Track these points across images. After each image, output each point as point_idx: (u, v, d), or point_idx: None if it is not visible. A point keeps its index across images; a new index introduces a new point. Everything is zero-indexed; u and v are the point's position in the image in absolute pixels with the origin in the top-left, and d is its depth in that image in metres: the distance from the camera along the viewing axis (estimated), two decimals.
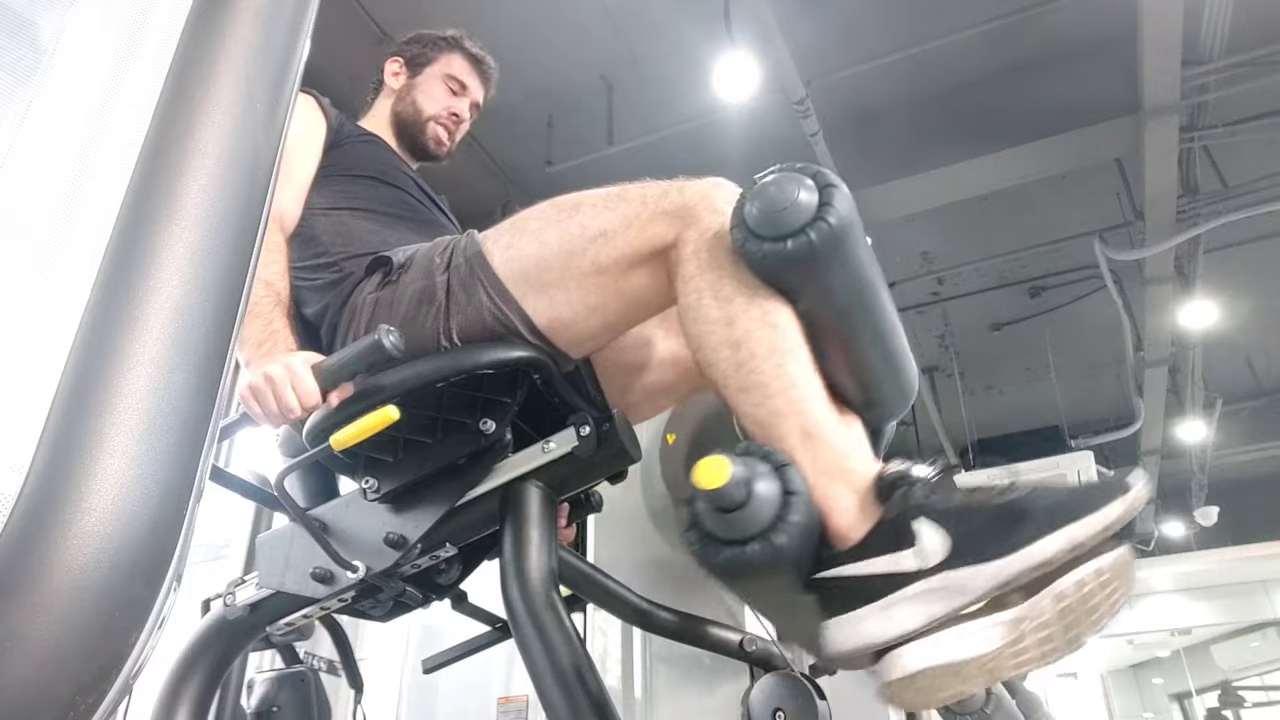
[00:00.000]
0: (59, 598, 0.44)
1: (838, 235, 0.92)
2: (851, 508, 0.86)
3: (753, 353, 0.93)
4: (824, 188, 0.94)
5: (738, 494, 0.80)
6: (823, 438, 0.89)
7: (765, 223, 0.92)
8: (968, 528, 0.79)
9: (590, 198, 1.09)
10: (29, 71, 0.57)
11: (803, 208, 0.92)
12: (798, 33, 3.71)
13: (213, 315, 0.54)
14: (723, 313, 0.96)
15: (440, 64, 1.66)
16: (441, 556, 1.15)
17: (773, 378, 0.92)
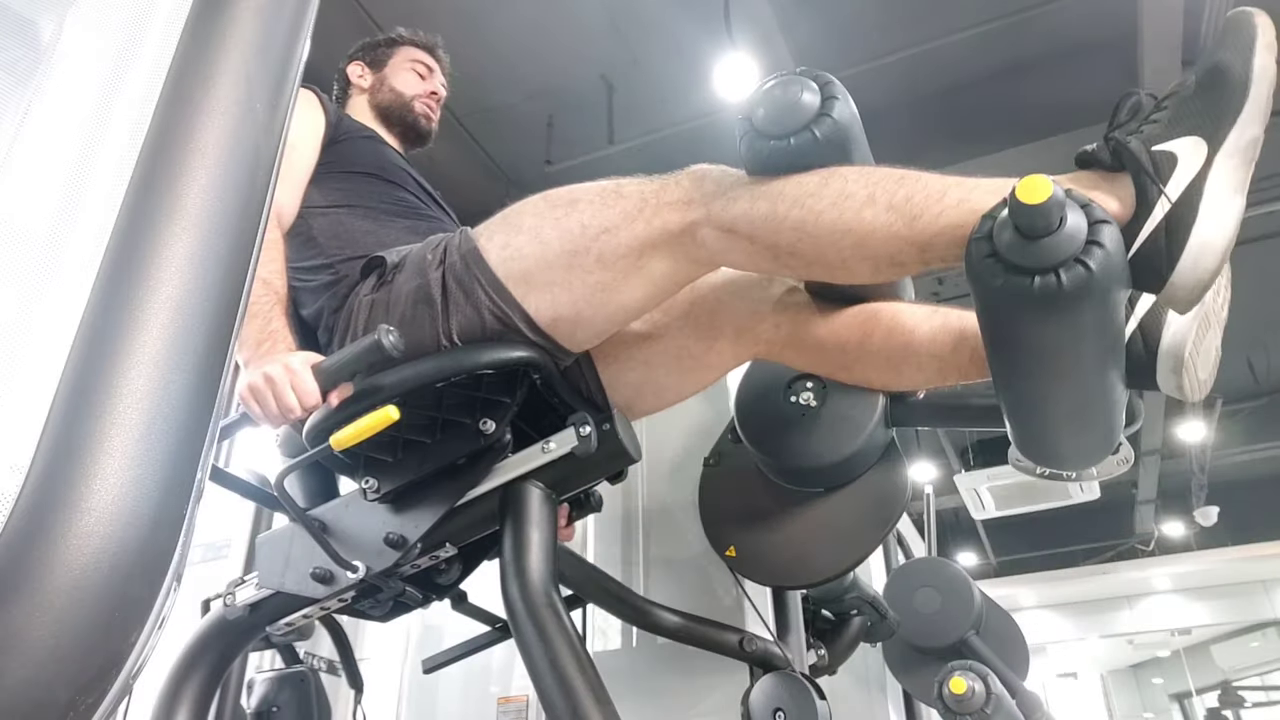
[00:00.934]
0: (59, 598, 0.44)
1: (841, 131, 0.97)
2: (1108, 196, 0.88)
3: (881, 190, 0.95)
4: (825, 87, 0.99)
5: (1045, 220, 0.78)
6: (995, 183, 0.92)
7: (772, 121, 0.98)
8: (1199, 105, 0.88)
9: (586, 194, 1.09)
10: (29, 71, 0.57)
11: (806, 107, 0.97)
12: (798, 33, 3.71)
13: (213, 315, 0.54)
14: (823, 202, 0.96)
15: (399, 55, 1.75)
16: (441, 556, 1.15)
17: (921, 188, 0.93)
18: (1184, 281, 0.84)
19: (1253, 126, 0.87)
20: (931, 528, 2.93)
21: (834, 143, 0.98)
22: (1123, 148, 0.89)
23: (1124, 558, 8.31)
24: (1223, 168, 0.86)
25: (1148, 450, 6.72)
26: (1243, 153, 0.87)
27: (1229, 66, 0.88)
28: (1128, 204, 0.88)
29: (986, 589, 2.47)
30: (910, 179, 0.95)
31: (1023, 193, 0.77)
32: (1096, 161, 0.91)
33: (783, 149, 0.98)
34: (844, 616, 2.03)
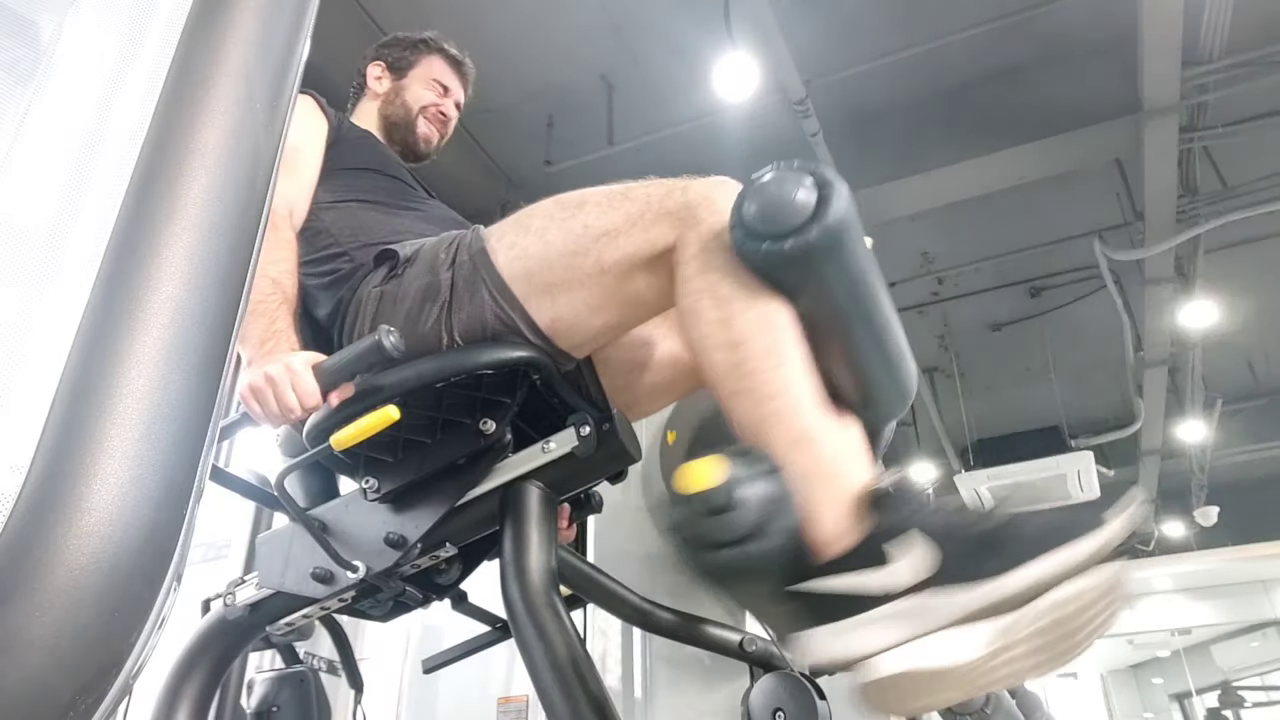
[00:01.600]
0: (59, 598, 0.44)
1: (836, 234, 0.90)
2: (838, 518, 0.84)
3: (749, 355, 0.93)
4: (823, 186, 0.92)
5: (723, 498, 0.79)
6: (814, 444, 0.88)
7: (763, 221, 0.91)
8: (954, 548, 0.77)
9: (594, 196, 1.09)
10: (29, 71, 0.57)
11: (801, 206, 0.90)
12: (798, 33, 3.71)
13: (213, 315, 0.54)
14: (720, 314, 0.95)
15: (422, 67, 1.70)
16: (441, 556, 1.15)
17: (767, 381, 0.92)
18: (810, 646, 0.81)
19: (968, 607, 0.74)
20: None
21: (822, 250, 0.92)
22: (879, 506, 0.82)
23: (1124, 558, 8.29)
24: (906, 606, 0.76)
25: (1148, 450, 6.71)
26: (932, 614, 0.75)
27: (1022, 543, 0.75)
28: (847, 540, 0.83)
29: None
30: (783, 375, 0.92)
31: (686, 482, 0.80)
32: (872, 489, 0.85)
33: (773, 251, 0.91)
34: None
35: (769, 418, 0.90)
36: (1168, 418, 6.32)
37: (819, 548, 0.84)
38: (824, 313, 0.97)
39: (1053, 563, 0.73)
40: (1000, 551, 0.75)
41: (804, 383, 0.92)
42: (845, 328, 0.98)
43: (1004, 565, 0.74)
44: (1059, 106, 4.10)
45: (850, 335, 0.99)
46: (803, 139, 4.00)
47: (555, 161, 4.35)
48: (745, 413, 0.92)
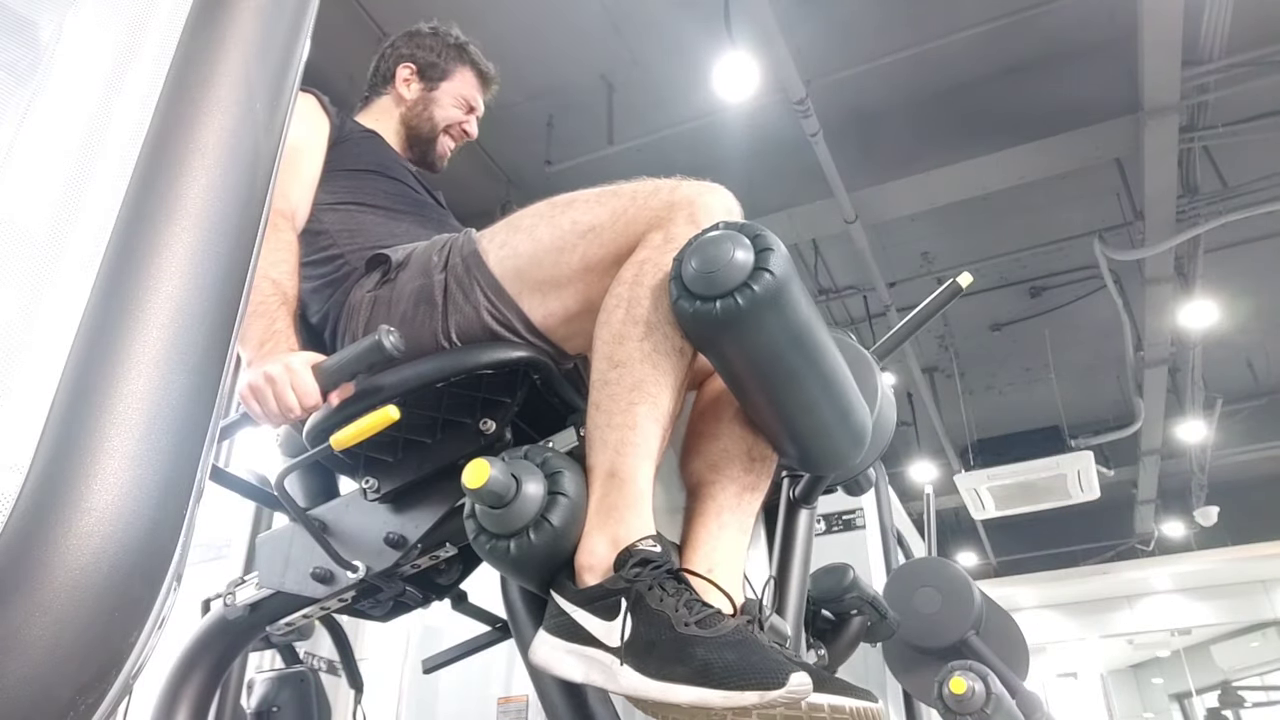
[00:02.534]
0: (59, 598, 0.44)
1: (766, 299, 0.90)
2: (599, 556, 0.90)
3: (620, 378, 0.96)
4: (760, 249, 0.92)
5: (499, 492, 0.89)
6: (623, 484, 0.93)
7: (698, 280, 0.92)
8: (647, 634, 0.84)
9: (586, 194, 1.10)
10: (29, 71, 0.57)
11: (736, 268, 0.91)
12: (798, 33, 3.71)
13: (213, 315, 0.54)
14: (621, 329, 0.97)
15: (455, 81, 1.64)
16: (441, 556, 1.15)
17: (621, 409, 0.95)
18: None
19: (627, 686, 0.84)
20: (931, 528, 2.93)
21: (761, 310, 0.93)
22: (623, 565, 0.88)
23: (1124, 558, 8.31)
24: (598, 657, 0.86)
25: (1148, 450, 6.72)
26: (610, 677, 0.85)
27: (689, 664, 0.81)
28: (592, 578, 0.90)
29: (986, 589, 2.47)
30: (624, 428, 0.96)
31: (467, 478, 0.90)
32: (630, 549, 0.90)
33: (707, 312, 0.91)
34: (844, 616, 2.03)
35: (603, 442, 0.95)
36: (1168, 418, 6.32)
37: (578, 571, 0.91)
38: (758, 370, 0.98)
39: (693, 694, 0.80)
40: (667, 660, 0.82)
41: (649, 428, 0.95)
42: (783, 385, 0.99)
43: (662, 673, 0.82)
44: (1059, 106, 4.10)
45: (779, 393, 1.00)
46: (803, 139, 4.00)
47: (555, 161, 4.35)
48: (592, 426, 0.97)
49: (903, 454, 7.19)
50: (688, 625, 0.83)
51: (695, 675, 0.80)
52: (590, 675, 0.86)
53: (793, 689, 0.78)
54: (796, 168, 4.30)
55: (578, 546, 0.92)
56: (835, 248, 5.03)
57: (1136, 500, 7.79)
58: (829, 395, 1.02)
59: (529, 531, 0.90)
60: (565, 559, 0.91)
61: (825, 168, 4.11)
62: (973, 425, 6.60)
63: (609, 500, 0.92)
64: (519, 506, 0.90)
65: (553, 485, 0.92)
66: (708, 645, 0.82)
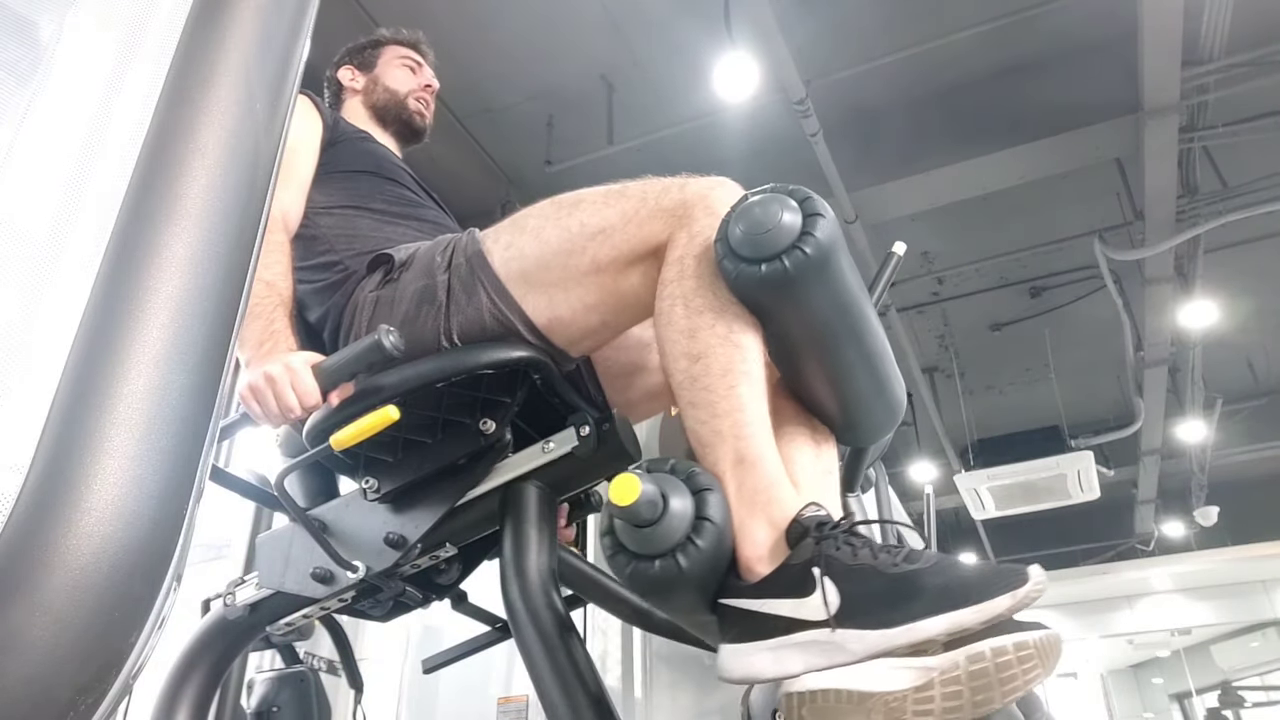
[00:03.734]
0: (59, 598, 0.44)
1: (815, 262, 0.91)
2: (765, 542, 0.86)
3: (708, 369, 0.94)
4: (808, 214, 0.93)
5: (646, 512, 0.83)
6: (755, 466, 0.90)
7: (745, 243, 0.92)
8: (861, 590, 0.80)
9: (591, 195, 1.09)
10: (29, 71, 0.57)
11: (785, 231, 0.91)
12: (798, 33, 3.71)
13: (213, 315, 0.54)
14: (689, 323, 0.96)
15: (386, 54, 1.74)
16: (441, 556, 1.15)
17: (722, 397, 0.93)
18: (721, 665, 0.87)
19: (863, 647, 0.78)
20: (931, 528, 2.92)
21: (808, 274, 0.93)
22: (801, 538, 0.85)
23: (1124, 558, 8.30)
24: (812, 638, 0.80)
25: (1148, 450, 6.71)
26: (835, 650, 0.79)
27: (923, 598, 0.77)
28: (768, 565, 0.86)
29: None
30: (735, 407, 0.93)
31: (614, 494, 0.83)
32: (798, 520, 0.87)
33: (756, 275, 0.92)
34: None
35: (717, 435, 0.92)
36: (1168, 418, 6.32)
37: (746, 567, 0.87)
38: (801, 335, 0.98)
39: (945, 622, 0.75)
40: (897, 603, 0.78)
41: (757, 406, 0.93)
42: (823, 351, 0.99)
43: (897, 617, 0.77)
44: (1059, 106, 4.10)
45: (828, 358, 1.00)
46: (803, 139, 3.99)
47: (555, 161, 4.35)
48: (696, 424, 0.94)
49: (903, 454, 7.19)
50: (897, 565, 0.80)
51: (936, 603, 0.76)
52: (810, 660, 0.80)
53: (1036, 582, 0.75)
54: (796, 168, 4.30)
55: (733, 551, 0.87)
56: None
57: (1136, 500, 7.79)
58: (872, 360, 1.02)
59: (676, 553, 0.83)
60: (722, 566, 0.86)
61: (825, 168, 4.11)
62: (973, 425, 6.60)
63: (748, 486, 0.89)
64: (666, 526, 0.84)
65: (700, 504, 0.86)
66: (931, 573, 0.78)
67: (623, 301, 1.06)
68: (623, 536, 0.86)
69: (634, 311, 1.09)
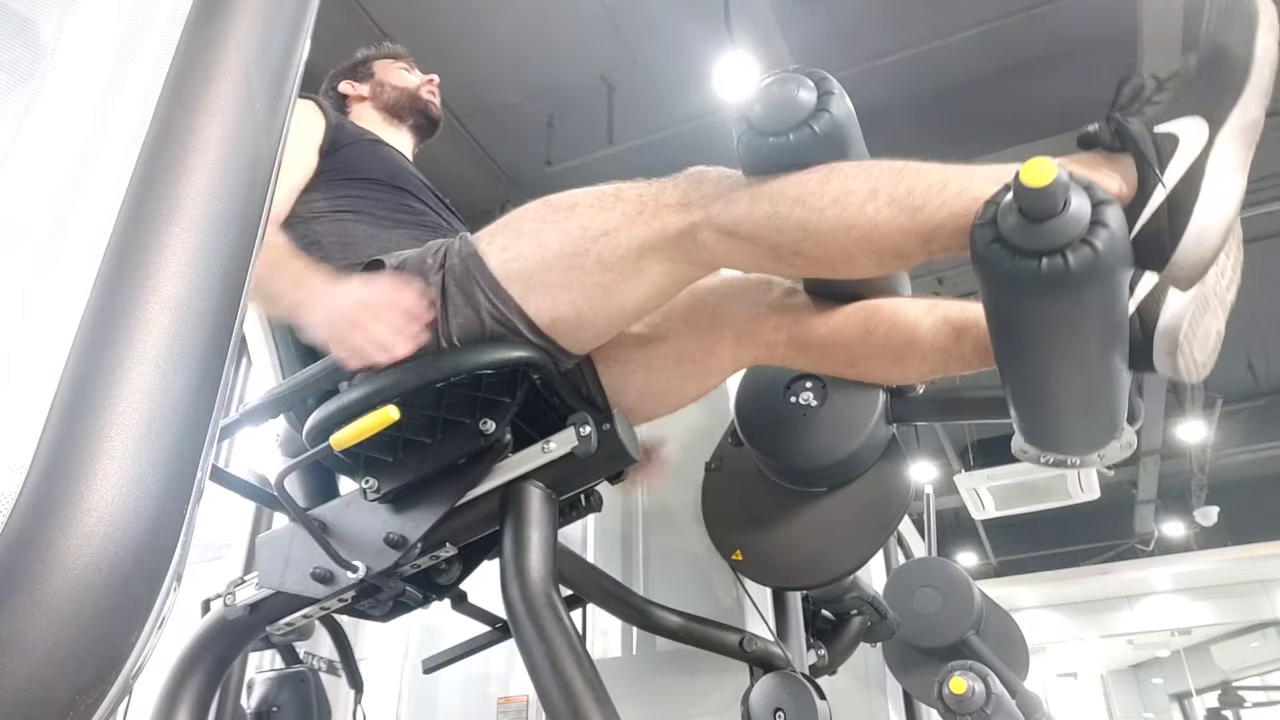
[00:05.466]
0: (59, 598, 0.44)
1: (838, 126, 0.99)
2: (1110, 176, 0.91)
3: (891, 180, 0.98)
4: (821, 83, 1.01)
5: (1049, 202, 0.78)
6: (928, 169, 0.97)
7: (770, 118, 0.99)
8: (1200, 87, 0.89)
9: (586, 198, 1.09)
10: (29, 71, 0.57)
11: (804, 103, 0.99)
12: (798, 33, 3.71)
13: (213, 315, 0.54)
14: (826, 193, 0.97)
15: (378, 65, 1.75)
16: (441, 556, 1.15)
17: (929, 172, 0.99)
18: (1187, 260, 0.85)
19: (1254, 108, 0.88)
20: (931, 528, 2.93)
21: (832, 138, 1.00)
22: (1124, 129, 0.90)
23: (1124, 558, 8.31)
24: (1224, 148, 0.87)
25: (1148, 450, 6.72)
26: (1244, 134, 0.87)
27: (1231, 48, 0.88)
28: (1130, 184, 0.90)
29: (986, 589, 2.47)
30: (910, 171, 0.97)
31: (1027, 176, 0.78)
32: (1099, 142, 0.94)
33: (782, 145, 0.98)
34: (844, 616, 2.03)
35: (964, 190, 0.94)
36: (1167, 418, 6.32)
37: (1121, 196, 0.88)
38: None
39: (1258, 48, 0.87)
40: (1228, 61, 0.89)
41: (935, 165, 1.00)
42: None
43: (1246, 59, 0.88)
44: (1059, 106, 4.10)
45: None
46: None
47: (555, 161, 4.35)
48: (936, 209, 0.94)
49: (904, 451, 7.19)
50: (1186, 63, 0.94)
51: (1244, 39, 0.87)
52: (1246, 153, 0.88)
53: None
54: None
55: None
56: None
57: (1136, 500, 7.79)
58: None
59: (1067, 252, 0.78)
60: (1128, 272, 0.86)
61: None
62: (973, 425, 6.60)
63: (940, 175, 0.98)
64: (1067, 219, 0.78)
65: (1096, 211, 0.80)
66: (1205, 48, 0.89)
67: (628, 297, 1.07)
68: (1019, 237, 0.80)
69: (639, 306, 1.10)
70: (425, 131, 1.72)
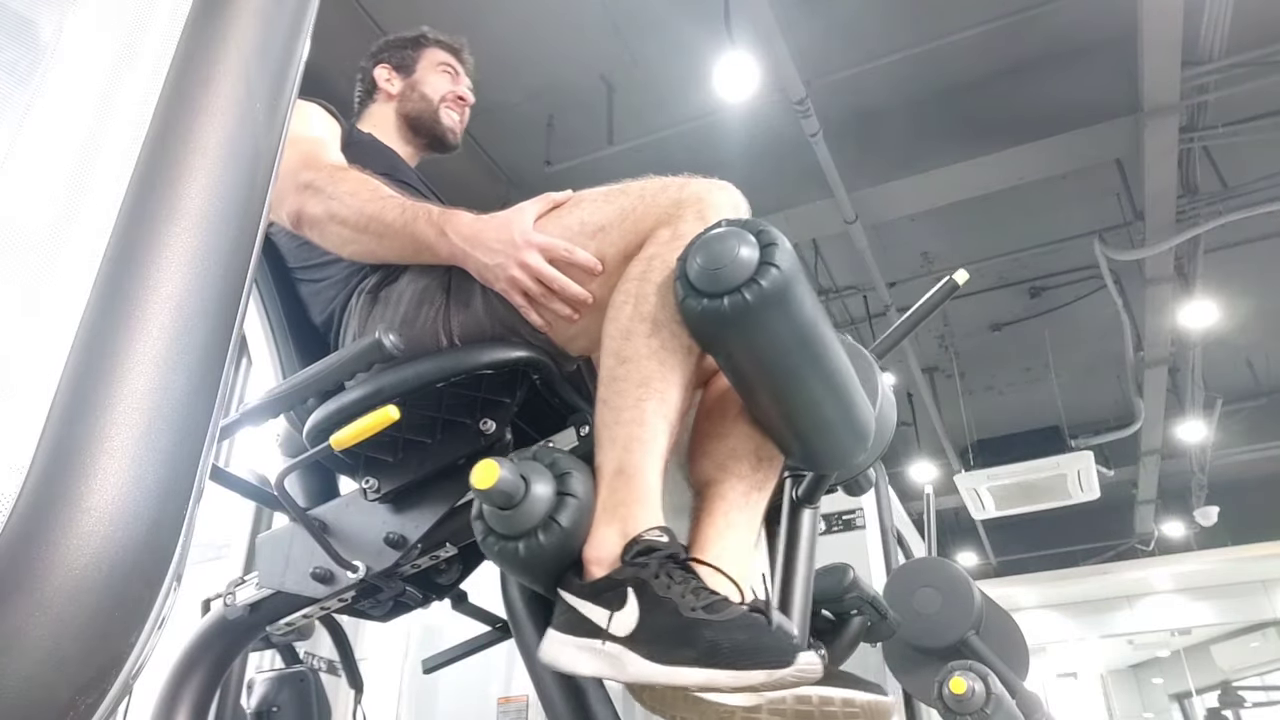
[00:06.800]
0: (59, 598, 0.44)
1: (772, 296, 0.90)
2: (608, 549, 0.89)
3: (628, 374, 0.95)
4: (765, 246, 0.92)
5: (501, 499, 0.87)
6: (630, 479, 0.92)
7: (702, 277, 0.92)
8: (653, 620, 0.83)
9: (592, 194, 1.09)
10: (29, 71, 0.57)
11: (740, 266, 0.91)
12: (798, 33, 3.71)
13: (213, 315, 0.54)
14: (628, 325, 0.97)
15: (427, 59, 1.70)
16: (441, 556, 1.15)
17: (629, 406, 0.94)
18: None
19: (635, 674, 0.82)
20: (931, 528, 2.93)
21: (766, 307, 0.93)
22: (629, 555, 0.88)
23: (1124, 558, 8.31)
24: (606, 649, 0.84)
25: (1148, 450, 6.72)
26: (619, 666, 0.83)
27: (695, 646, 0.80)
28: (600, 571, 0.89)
29: (986, 589, 2.47)
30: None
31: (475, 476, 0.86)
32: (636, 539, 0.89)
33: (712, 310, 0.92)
34: (844, 616, 2.03)
35: (612, 439, 0.94)
36: (1168, 418, 6.32)
37: (586, 567, 0.90)
38: (758, 369, 0.98)
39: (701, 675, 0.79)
40: (675, 644, 0.81)
41: (658, 424, 0.94)
42: (781, 385, 0.99)
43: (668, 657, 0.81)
44: (1059, 106, 4.10)
45: (785, 390, 0.99)
46: (803, 139, 4.00)
47: (555, 161, 4.35)
48: (599, 422, 0.96)
49: (903, 454, 7.19)
50: (694, 610, 0.82)
51: (702, 657, 0.79)
52: (600, 668, 0.85)
53: (801, 668, 0.77)
54: (796, 168, 4.30)
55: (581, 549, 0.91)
56: (835, 248, 5.03)
57: (1136, 500, 7.79)
58: (833, 392, 1.01)
59: (538, 532, 0.88)
60: (574, 558, 0.91)
61: (825, 168, 4.11)
62: (973, 425, 6.60)
63: (617, 496, 0.92)
64: (528, 508, 0.88)
65: (561, 486, 0.91)
66: (715, 628, 0.81)
67: None
68: (489, 520, 0.90)
69: None
70: (435, 150, 1.67)
